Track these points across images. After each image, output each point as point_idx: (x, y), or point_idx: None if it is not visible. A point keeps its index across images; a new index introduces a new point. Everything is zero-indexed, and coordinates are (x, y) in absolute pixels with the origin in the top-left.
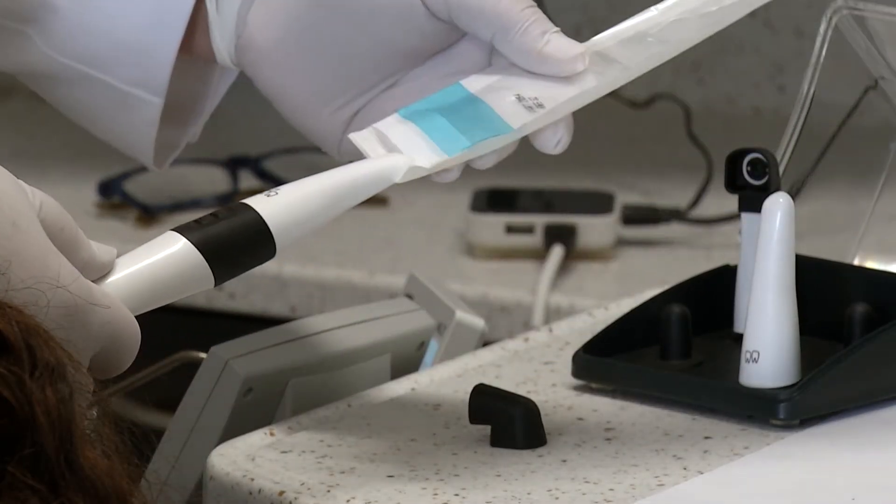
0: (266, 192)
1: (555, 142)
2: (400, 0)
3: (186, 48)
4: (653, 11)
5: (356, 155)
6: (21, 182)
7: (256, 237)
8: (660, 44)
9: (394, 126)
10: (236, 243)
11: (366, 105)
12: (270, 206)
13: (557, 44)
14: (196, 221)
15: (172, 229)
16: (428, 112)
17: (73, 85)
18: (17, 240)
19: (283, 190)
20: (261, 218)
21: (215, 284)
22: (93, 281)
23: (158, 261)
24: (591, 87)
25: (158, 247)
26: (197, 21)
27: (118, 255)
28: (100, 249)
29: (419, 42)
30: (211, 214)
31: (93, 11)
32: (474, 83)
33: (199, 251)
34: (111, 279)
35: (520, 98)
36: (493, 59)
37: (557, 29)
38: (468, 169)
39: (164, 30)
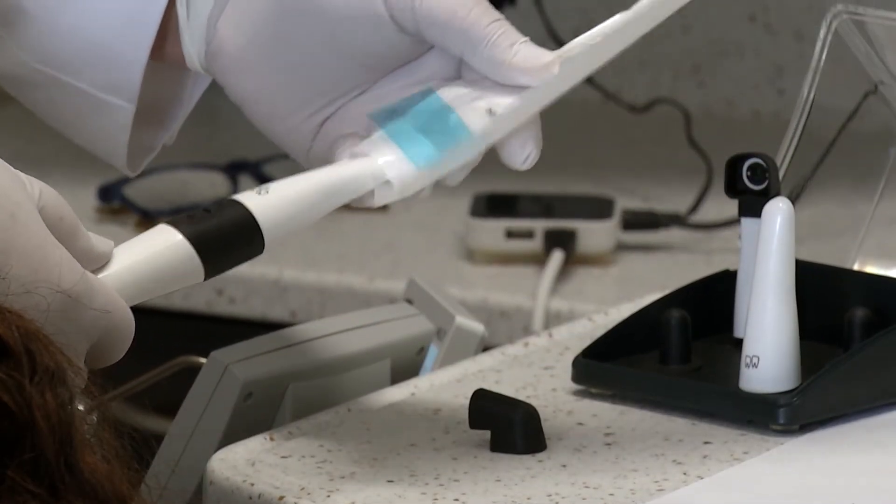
0: (257, 189)
1: (523, 157)
2: (368, 12)
3: (158, 53)
4: (618, 17)
5: (324, 162)
6: (19, 173)
7: (246, 233)
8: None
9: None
10: (226, 238)
11: (335, 112)
12: (261, 202)
13: (526, 53)
14: (188, 216)
15: (165, 222)
16: (403, 125)
17: (45, 89)
18: (15, 231)
19: (274, 187)
20: (250, 214)
21: (205, 279)
22: (90, 271)
23: (153, 254)
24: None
25: (152, 239)
26: (168, 27)
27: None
28: (98, 240)
29: (387, 53)
30: (203, 210)
31: (63, 16)
32: (447, 93)
33: (192, 245)
34: (108, 271)
35: (490, 112)
36: (463, 70)
37: (526, 39)
38: (468, 173)
39: (134, 35)
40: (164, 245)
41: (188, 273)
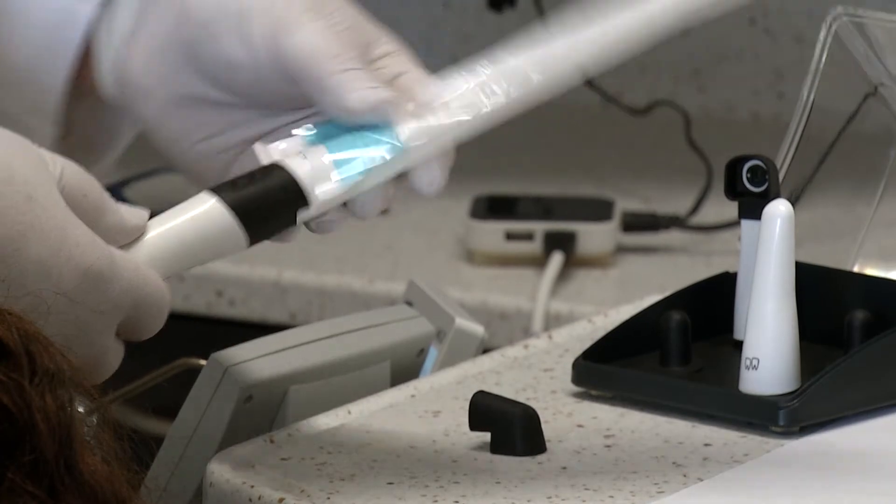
0: (301, 153)
1: (427, 181)
2: (253, 58)
3: (85, 82)
4: (537, 49)
5: None
6: (42, 151)
7: (291, 198)
8: (542, 76)
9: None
10: (269, 204)
11: (246, 151)
12: (306, 166)
13: (362, 95)
14: (231, 182)
15: (207, 189)
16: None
17: None
18: (33, 214)
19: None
20: (294, 179)
21: (248, 246)
22: (123, 245)
23: (187, 222)
24: (466, 121)
25: (190, 208)
26: (91, 56)
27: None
28: (129, 213)
29: (280, 99)
30: (246, 175)
31: None
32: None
33: (231, 211)
34: (140, 242)
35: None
36: None
37: (371, 82)
38: (468, 175)
39: (53, 59)
40: (200, 213)
41: (228, 241)
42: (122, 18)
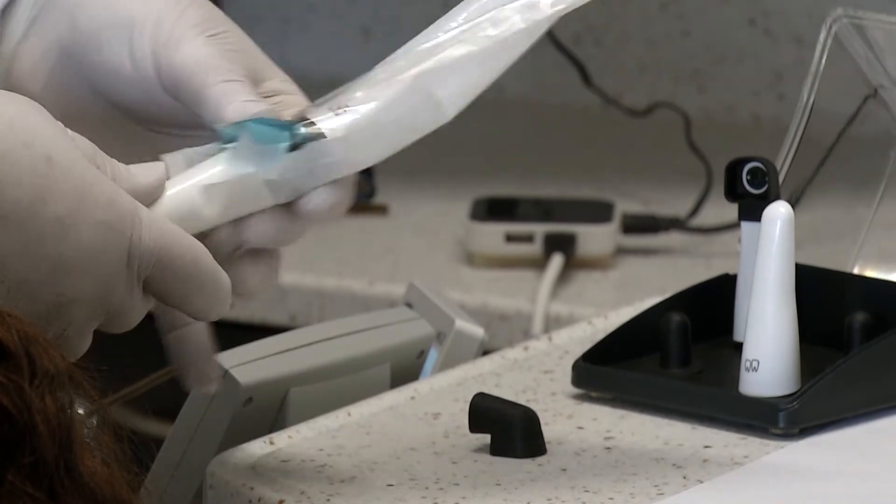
0: (334, 111)
1: (326, 202)
2: (139, 70)
3: None
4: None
5: None
6: (57, 121)
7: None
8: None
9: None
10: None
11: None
12: (335, 122)
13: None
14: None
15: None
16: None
17: None
18: (52, 176)
19: (350, 108)
20: (323, 135)
21: (273, 203)
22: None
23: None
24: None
25: (215, 163)
26: None
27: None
28: (144, 173)
29: (167, 116)
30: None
31: None
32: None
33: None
34: (161, 200)
35: (338, 111)
36: None
37: (247, 97)
38: (468, 177)
39: None
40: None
41: (255, 195)
42: (16, 25)
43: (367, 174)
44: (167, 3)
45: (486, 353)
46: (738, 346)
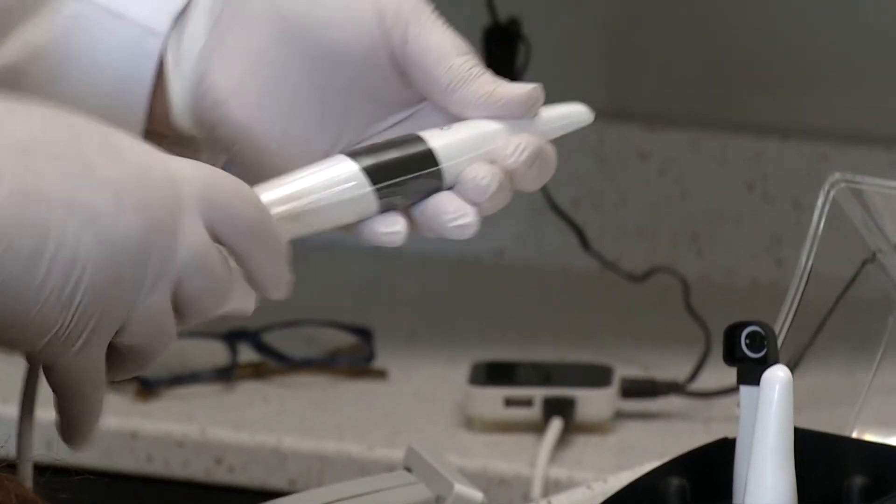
0: (440, 127)
1: (386, 230)
2: (363, 42)
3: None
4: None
5: None
6: None
7: (423, 168)
8: None
9: None
10: (403, 172)
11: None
12: (442, 139)
13: (508, 87)
14: (367, 147)
15: (341, 152)
16: None
17: None
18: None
19: (456, 126)
20: (430, 150)
21: (378, 212)
22: None
23: (321, 181)
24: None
25: (323, 167)
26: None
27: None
28: None
29: (384, 87)
30: (382, 143)
31: (61, 83)
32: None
33: (366, 175)
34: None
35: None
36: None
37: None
38: (467, 342)
39: (127, 102)
40: (333, 173)
41: (360, 205)
42: (191, 42)
43: (367, 339)
44: None
45: None
46: None
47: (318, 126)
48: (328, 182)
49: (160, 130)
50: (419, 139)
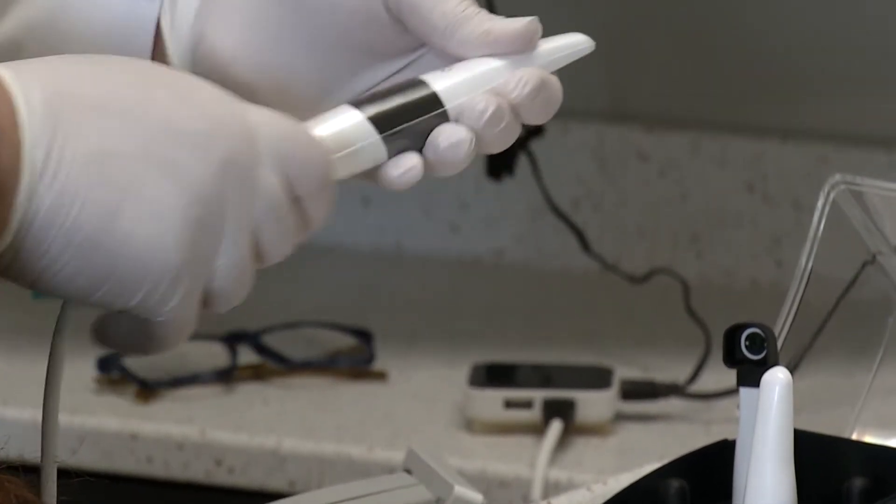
0: (442, 69)
1: (398, 172)
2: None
3: None
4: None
5: None
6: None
7: (429, 111)
8: None
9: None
10: (409, 118)
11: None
12: (445, 81)
13: (505, 22)
14: (370, 96)
15: (346, 103)
16: None
17: None
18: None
19: (458, 66)
20: (435, 93)
21: (387, 158)
22: None
23: (330, 133)
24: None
25: (330, 118)
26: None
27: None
28: None
29: (381, 37)
30: (384, 90)
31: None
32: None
33: (372, 125)
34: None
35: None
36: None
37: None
38: (467, 344)
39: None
40: (342, 125)
41: (370, 154)
42: (185, 5)
43: (367, 340)
44: None
45: None
46: None
47: (319, 80)
48: (344, 142)
49: None
50: (422, 83)
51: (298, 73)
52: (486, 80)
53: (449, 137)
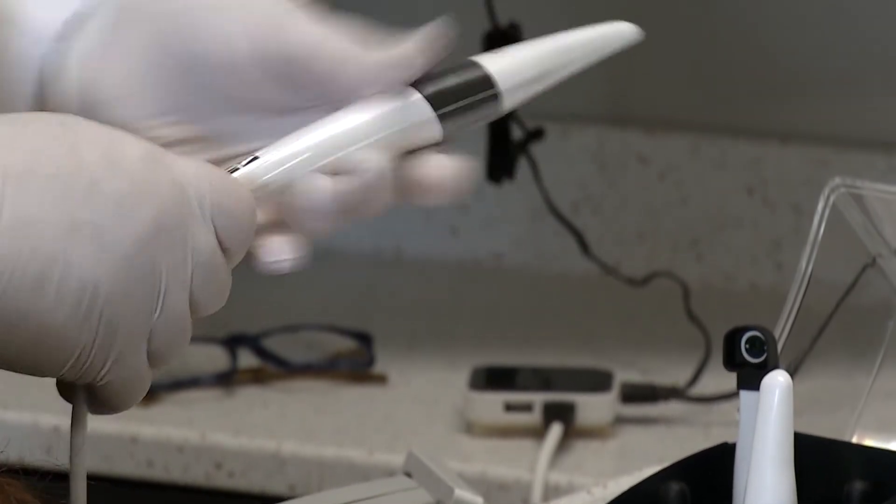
0: (494, 50)
1: (274, 259)
2: (234, 55)
3: None
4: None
5: None
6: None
7: (481, 89)
8: None
9: None
10: (464, 97)
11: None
12: (500, 63)
13: (388, 53)
14: (426, 75)
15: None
16: None
17: None
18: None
19: (513, 49)
20: (489, 75)
21: (441, 138)
22: None
23: (388, 111)
24: None
25: (388, 98)
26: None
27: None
28: None
29: (263, 96)
30: (439, 70)
31: None
32: None
33: (428, 104)
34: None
35: None
36: None
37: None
38: (467, 347)
39: (15, 99)
40: (401, 103)
41: (425, 132)
42: (76, 50)
43: (367, 343)
44: None
45: None
46: None
47: (211, 132)
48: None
49: None
50: (479, 66)
51: (188, 125)
52: (368, 132)
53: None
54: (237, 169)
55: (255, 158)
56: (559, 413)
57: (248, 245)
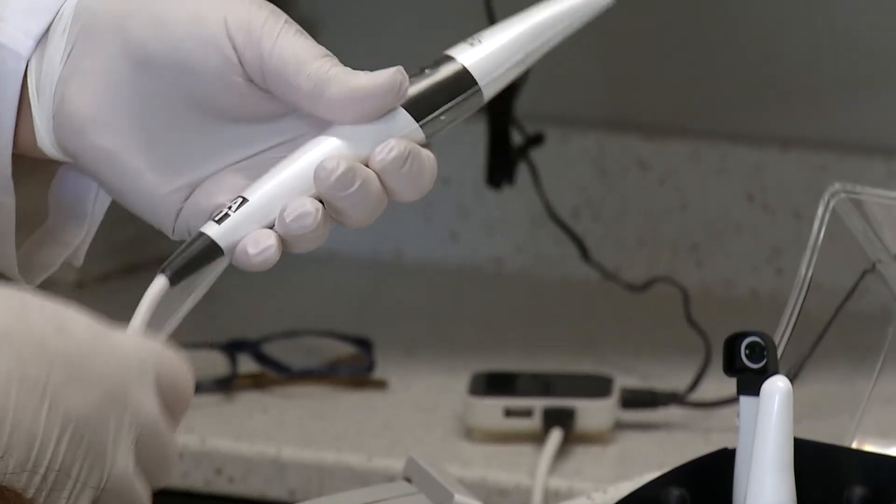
0: (469, 41)
1: (255, 251)
2: (214, 63)
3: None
4: None
5: (190, 236)
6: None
7: (462, 86)
8: None
9: None
10: (441, 96)
11: (203, 181)
12: (473, 54)
13: (368, 79)
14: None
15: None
16: None
17: None
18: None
19: (485, 36)
20: (465, 68)
21: (426, 139)
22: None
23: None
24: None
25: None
26: (21, 113)
27: None
28: None
29: (239, 103)
30: (416, 73)
31: None
32: None
33: (411, 114)
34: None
35: None
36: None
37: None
38: (467, 352)
39: None
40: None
41: (402, 129)
42: (49, 68)
43: (367, 349)
44: (249, 6)
45: None
46: None
47: (182, 148)
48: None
49: (31, 156)
50: (454, 60)
51: (158, 144)
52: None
53: (295, 210)
54: (228, 215)
55: (245, 200)
56: (559, 418)
57: (185, 412)
